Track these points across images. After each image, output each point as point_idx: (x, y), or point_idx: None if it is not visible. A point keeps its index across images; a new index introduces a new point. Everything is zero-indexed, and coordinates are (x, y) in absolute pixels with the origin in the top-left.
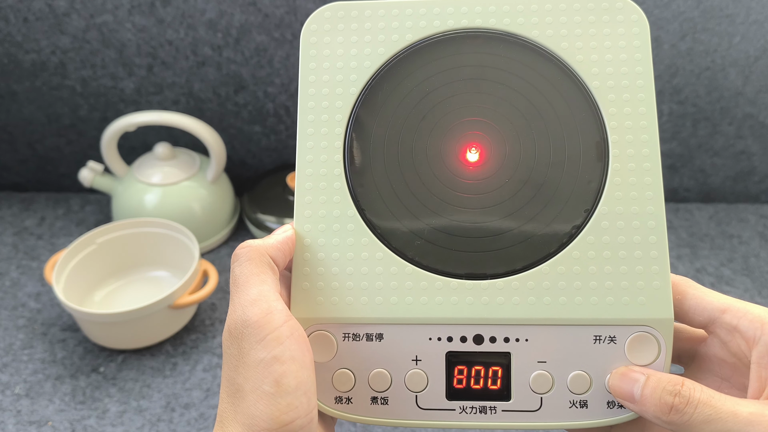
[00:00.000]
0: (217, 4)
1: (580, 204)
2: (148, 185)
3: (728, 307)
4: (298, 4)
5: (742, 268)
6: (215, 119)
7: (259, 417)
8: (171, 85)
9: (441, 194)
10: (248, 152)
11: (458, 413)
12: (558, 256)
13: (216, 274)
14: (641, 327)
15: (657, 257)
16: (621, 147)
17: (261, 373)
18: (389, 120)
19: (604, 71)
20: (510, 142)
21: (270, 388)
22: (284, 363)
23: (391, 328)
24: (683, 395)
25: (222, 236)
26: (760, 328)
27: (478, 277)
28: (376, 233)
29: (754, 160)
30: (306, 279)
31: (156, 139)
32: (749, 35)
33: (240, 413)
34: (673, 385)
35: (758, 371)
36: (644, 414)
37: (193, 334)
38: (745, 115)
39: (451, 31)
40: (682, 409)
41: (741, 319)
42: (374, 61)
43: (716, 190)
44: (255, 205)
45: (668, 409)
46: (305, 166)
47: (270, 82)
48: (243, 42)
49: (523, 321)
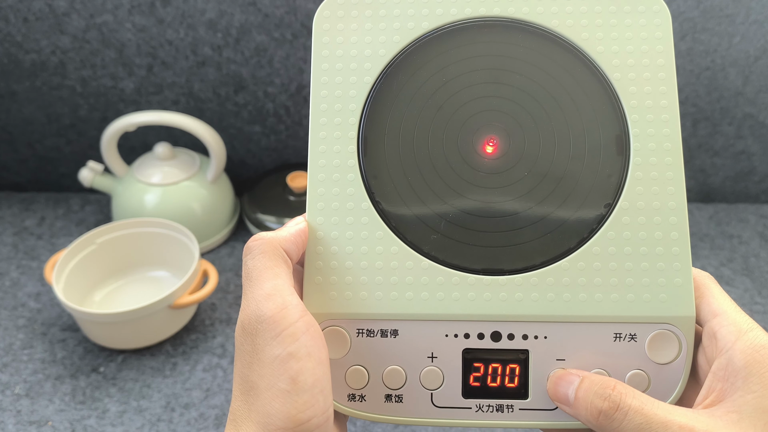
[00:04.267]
0: (217, 4)
1: (601, 198)
2: (148, 185)
3: (721, 312)
4: (298, 4)
5: (742, 268)
6: (215, 119)
7: (274, 415)
8: (171, 85)
9: (458, 187)
10: (248, 152)
11: (474, 411)
12: (578, 251)
13: (216, 274)
14: (662, 325)
15: (679, 254)
16: (642, 141)
17: (276, 370)
18: (405, 110)
19: (626, 63)
20: (529, 134)
21: (286, 385)
22: (300, 360)
23: (407, 324)
24: (613, 400)
25: (222, 236)
26: (733, 341)
27: (495, 272)
28: (390, 226)
29: (754, 160)
30: (319, 273)
31: (156, 139)
32: (749, 35)
33: (254, 411)
34: (603, 389)
35: (711, 381)
36: (579, 418)
37: (193, 334)
38: (745, 115)
39: (469, 19)
40: (612, 415)
41: (722, 328)
42: (389, 50)
43: (716, 190)
44: (255, 205)
45: (597, 414)
46: (318, 157)
47: (270, 82)
48: (243, 42)
49: (541, 318)
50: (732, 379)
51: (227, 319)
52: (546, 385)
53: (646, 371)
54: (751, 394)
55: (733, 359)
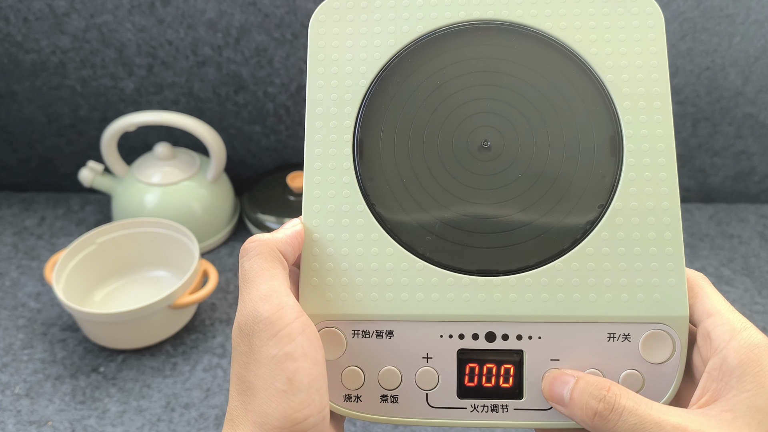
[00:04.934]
0: (217, 4)
1: (594, 199)
2: (148, 185)
3: (715, 312)
4: (298, 4)
5: (742, 268)
6: (215, 119)
7: (271, 415)
8: (171, 85)
9: (452, 189)
10: (248, 152)
11: (469, 412)
12: (572, 252)
13: (216, 274)
14: (656, 325)
15: (672, 254)
16: (636, 141)
17: (273, 370)
18: (400, 113)
19: (619, 64)
20: (523, 135)
21: (282, 385)
22: (296, 360)
23: (402, 325)
24: (608, 401)
25: (222, 236)
26: (727, 340)
27: (490, 273)
28: (386, 228)
29: (754, 160)
30: (315, 275)
31: (156, 139)
32: (749, 35)
33: (251, 411)
34: (599, 390)
35: (706, 381)
36: (574, 418)
37: (193, 334)
38: (745, 115)
39: (463, 22)
40: (607, 416)
41: (716, 328)
42: (384, 53)
43: (716, 190)
44: (255, 205)
45: (593, 415)
46: (314, 160)
47: (270, 82)
48: (243, 42)
49: (536, 318)
50: (726, 379)
51: (227, 319)
52: (540, 385)
53: (640, 371)
54: (745, 393)
55: (727, 358)
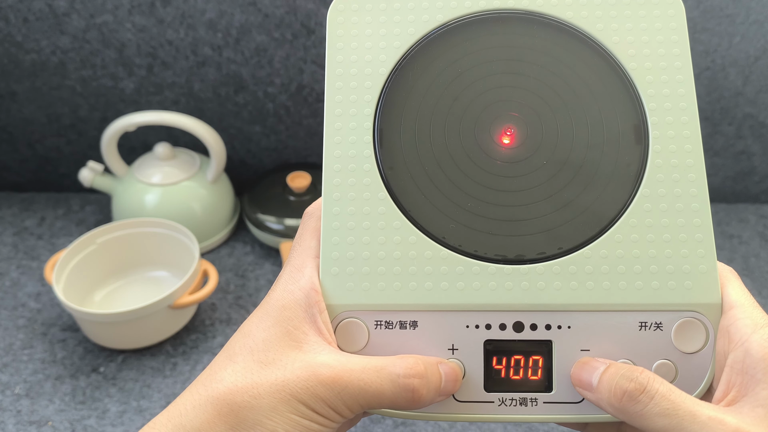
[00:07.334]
0: (217, 4)
1: (621, 186)
2: (148, 185)
3: (737, 305)
4: (298, 4)
5: (742, 268)
6: (215, 119)
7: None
8: (171, 85)
9: (476, 176)
10: (248, 152)
11: (497, 405)
12: (600, 239)
13: (216, 274)
14: (689, 312)
15: (702, 240)
16: (661, 129)
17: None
18: (421, 100)
19: (641, 53)
20: (546, 123)
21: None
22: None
23: (426, 315)
24: (640, 382)
25: (222, 236)
26: (749, 334)
27: (517, 261)
28: (408, 216)
29: (754, 160)
30: (335, 264)
31: (156, 139)
32: (749, 35)
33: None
34: (631, 372)
35: (729, 375)
36: (600, 403)
37: (193, 334)
38: (745, 115)
39: (484, 11)
40: (637, 397)
41: (737, 321)
42: (404, 41)
43: (716, 190)
44: (255, 205)
45: (621, 394)
46: (333, 148)
47: (270, 82)
48: (243, 42)
49: (565, 307)
50: (752, 372)
51: (227, 319)
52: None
53: (672, 361)
54: None
55: (750, 351)
